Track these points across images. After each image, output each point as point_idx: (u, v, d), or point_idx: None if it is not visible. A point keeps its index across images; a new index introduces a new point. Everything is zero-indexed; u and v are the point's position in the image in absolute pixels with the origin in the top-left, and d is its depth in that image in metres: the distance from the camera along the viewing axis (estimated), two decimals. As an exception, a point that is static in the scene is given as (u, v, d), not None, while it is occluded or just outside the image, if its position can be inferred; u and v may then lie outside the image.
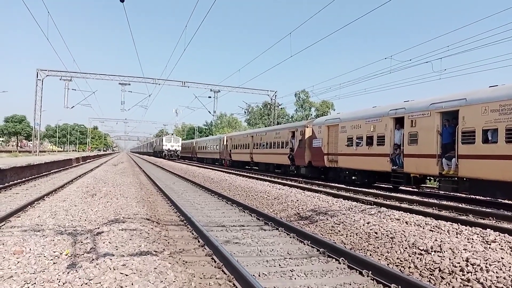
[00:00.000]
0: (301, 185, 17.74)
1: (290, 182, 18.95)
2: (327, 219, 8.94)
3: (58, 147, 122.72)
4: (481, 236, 6.78)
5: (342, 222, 8.44)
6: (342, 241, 7.46)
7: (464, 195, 14.25)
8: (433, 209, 10.96)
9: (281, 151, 27.03)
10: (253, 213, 10.38)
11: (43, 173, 23.48)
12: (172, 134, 78.60)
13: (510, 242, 6.33)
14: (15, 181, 17.02)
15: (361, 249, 6.86)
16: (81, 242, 6.15)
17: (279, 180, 20.24)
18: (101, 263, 4.77)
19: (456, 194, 14.48)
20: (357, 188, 15.85)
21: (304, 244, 7.07)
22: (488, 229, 7.25)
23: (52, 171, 25.84)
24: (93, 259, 5.03)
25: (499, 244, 6.29)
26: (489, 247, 6.14)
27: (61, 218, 8.29)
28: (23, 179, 18.43)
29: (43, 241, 6.13)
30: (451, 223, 8.02)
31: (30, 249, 5.62)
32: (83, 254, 5.43)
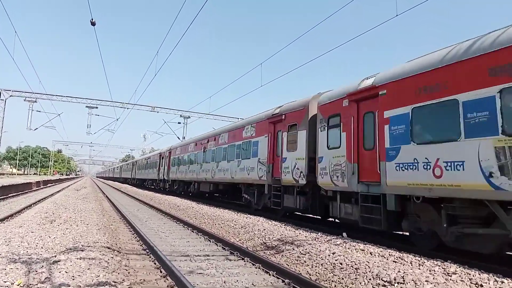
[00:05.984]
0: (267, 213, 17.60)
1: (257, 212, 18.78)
2: (293, 249, 8.89)
3: (18, 170, 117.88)
4: (442, 268, 6.90)
5: (308, 252, 8.41)
6: (307, 271, 7.41)
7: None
8: (397, 240, 11.10)
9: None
10: (219, 242, 10.20)
11: (0, 197, 22.41)
12: None
13: (469, 274, 6.47)
14: (-32, 205, 16.13)
15: (326, 280, 6.83)
16: (36, 271, 5.83)
17: (246, 209, 20.04)
18: (55, 295, 4.53)
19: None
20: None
21: (270, 275, 6.99)
22: (448, 261, 7.40)
23: (9, 195, 24.72)
24: (46, 290, 4.77)
25: (460, 276, 6.41)
26: (450, 279, 6.24)
27: (16, 246, 7.87)
28: (-23, 203, 17.51)
29: (-6, 270, 5.78)
30: (414, 254, 8.14)
31: (-22, 279, 5.29)
32: (36, 285, 5.15)
